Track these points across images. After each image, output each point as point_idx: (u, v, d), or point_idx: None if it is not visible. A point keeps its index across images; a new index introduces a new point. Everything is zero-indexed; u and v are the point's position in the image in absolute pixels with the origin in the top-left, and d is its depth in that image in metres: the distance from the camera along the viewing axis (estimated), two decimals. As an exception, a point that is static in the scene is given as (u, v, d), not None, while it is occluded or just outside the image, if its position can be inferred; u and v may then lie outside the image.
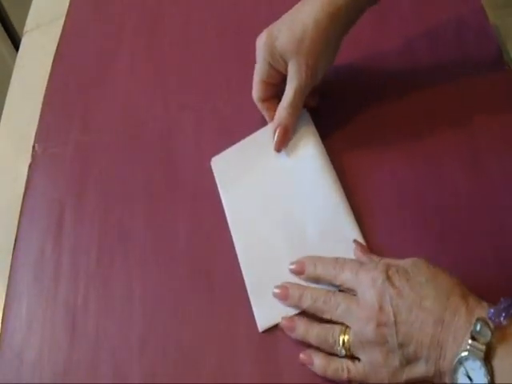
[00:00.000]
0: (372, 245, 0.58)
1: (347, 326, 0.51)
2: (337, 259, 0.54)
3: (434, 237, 0.58)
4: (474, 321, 0.45)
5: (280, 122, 0.63)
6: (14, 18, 1.58)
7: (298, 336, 0.54)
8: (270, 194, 0.63)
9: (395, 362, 0.48)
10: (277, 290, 0.57)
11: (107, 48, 0.83)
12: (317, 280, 0.55)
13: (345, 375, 0.50)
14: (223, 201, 0.65)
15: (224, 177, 0.66)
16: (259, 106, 0.66)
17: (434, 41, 0.68)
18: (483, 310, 0.46)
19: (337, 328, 0.51)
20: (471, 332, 0.44)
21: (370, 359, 0.49)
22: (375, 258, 0.54)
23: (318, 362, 0.52)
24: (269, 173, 0.65)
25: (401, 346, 0.47)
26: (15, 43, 1.56)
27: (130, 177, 0.70)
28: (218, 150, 0.68)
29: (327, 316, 0.52)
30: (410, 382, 0.48)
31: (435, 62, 0.67)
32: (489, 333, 0.44)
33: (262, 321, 0.57)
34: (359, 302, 0.50)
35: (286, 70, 0.62)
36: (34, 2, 0.95)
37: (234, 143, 0.68)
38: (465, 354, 0.44)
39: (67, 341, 0.61)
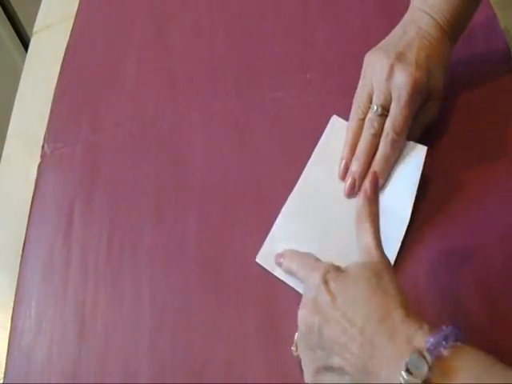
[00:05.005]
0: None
1: None
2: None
3: (436, 236, 0.58)
4: (409, 351, 0.40)
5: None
6: (23, 19, 1.58)
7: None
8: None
9: (316, 363, 0.47)
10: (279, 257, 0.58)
11: (116, 48, 0.83)
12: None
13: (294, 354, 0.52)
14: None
15: None
16: None
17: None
18: (423, 339, 0.41)
19: None
20: (406, 364, 0.39)
21: (301, 348, 0.50)
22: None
23: None
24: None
25: (327, 354, 0.46)
26: (24, 43, 1.56)
27: (139, 176, 0.70)
28: (225, 149, 0.69)
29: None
30: None
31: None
32: (425, 366, 0.39)
33: (262, 257, 0.60)
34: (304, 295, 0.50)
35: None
36: (43, 2, 0.96)
37: (241, 143, 0.68)
38: None
39: (76, 340, 0.61)
